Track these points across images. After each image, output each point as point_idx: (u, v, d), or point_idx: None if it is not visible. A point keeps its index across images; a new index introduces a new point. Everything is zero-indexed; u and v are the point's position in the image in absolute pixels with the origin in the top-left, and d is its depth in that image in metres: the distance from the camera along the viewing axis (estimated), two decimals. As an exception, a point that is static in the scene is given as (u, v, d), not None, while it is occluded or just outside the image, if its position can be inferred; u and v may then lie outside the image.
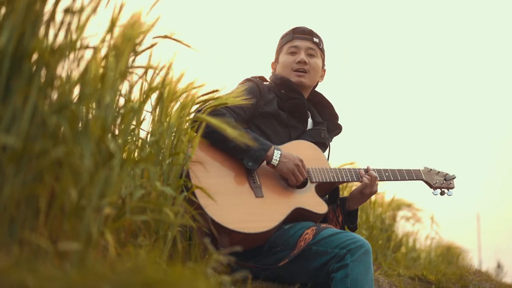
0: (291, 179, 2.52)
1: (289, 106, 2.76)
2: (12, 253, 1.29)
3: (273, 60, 2.97)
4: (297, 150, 2.59)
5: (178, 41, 2.15)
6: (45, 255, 1.32)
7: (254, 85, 2.72)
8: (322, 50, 2.90)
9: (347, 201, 2.78)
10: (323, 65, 2.93)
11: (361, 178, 2.71)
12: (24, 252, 1.31)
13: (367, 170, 2.74)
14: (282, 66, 2.85)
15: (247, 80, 2.79)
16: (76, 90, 1.59)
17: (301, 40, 2.84)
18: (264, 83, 2.82)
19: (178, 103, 2.29)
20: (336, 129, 2.93)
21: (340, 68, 3.00)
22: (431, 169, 2.98)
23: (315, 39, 2.86)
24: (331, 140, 2.90)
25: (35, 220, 1.41)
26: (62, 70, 1.47)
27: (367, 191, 2.72)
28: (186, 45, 2.15)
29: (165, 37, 2.14)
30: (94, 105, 1.60)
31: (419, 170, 2.94)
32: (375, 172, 2.75)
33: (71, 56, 1.57)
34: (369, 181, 2.70)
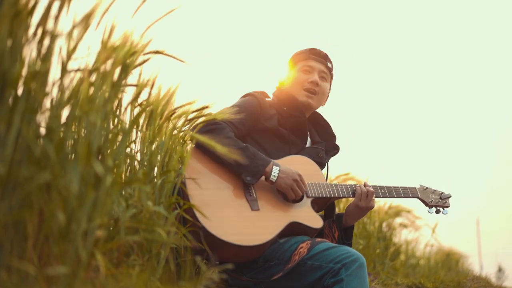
0: (290, 194, 2.52)
1: (290, 123, 2.77)
2: (0, 280, 1.28)
3: (282, 76, 2.96)
4: (294, 165, 2.59)
5: (171, 56, 2.14)
6: (33, 281, 1.31)
7: (255, 100, 2.74)
8: (332, 76, 2.94)
9: (344, 216, 2.78)
10: (329, 90, 2.96)
11: (355, 189, 2.72)
12: (12, 278, 1.31)
13: (364, 186, 2.75)
14: (293, 82, 2.86)
15: (248, 94, 2.80)
16: (65, 114, 1.60)
17: (316, 62, 2.87)
18: (266, 98, 2.83)
19: (169, 121, 2.29)
20: (333, 149, 2.95)
21: (338, 78, 3.01)
22: (426, 188, 3.00)
23: (329, 64, 2.90)
24: (328, 160, 2.91)
25: (24, 245, 1.41)
26: (47, 94, 1.46)
27: (362, 204, 2.71)
28: (180, 60, 2.13)
29: (157, 52, 2.12)
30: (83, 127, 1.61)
31: (415, 188, 2.96)
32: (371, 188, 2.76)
33: (59, 79, 1.58)
34: (361, 192, 2.70)
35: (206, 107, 2.48)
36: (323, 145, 2.89)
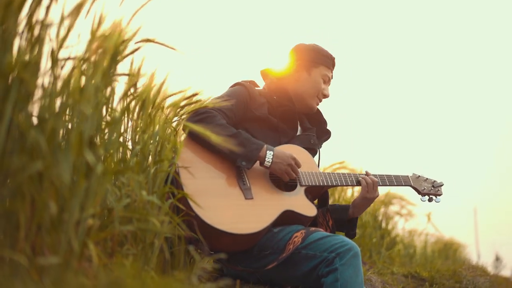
0: (285, 178, 2.54)
1: (280, 112, 2.77)
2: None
3: (296, 66, 2.89)
4: None
5: (162, 44, 2.12)
6: (25, 271, 1.32)
7: (244, 89, 2.73)
8: None
9: (350, 209, 2.82)
10: None
11: (360, 180, 2.75)
12: (4, 269, 1.31)
13: (367, 175, 2.77)
14: (312, 85, 2.86)
15: (237, 84, 2.80)
16: (57, 103, 1.59)
17: (331, 74, 2.92)
18: (255, 88, 2.83)
19: (161, 110, 2.28)
20: (325, 134, 2.96)
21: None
22: (419, 176, 3.01)
23: None
24: (321, 146, 2.92)
25: (16, 235, 1.41)
26: (39, 84, 1.46)
27: (369, 195, 2.76)
28: (171, 48, 2.11)
29: (148, 41, 2.11)
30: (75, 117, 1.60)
31: (408, 176, 2.97)
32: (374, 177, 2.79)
33: (50, 69, 1.57)
34: (367, 183, 2.73)
35: (196, 94, 2.48)
36: (314, 131, 2.91)
